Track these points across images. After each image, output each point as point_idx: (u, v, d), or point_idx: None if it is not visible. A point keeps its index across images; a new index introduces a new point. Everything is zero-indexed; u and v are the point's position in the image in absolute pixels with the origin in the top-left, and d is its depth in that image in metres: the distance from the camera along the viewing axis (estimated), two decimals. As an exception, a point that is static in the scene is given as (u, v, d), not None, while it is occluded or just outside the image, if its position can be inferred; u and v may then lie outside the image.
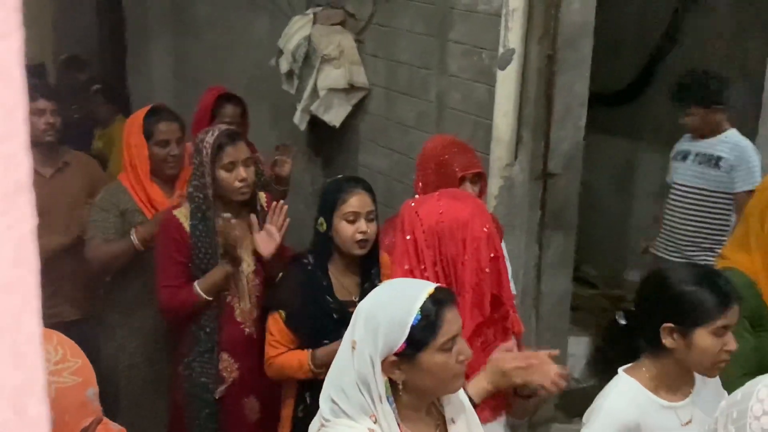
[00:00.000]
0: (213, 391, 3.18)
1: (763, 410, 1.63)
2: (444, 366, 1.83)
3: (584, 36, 3.93)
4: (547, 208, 4.05)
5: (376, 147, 4.84)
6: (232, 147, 3.13)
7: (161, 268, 3.19)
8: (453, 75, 4.26)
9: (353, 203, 2.87)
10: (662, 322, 2.21)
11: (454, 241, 2.42)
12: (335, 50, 4.75)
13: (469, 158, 3.28)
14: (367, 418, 1.82)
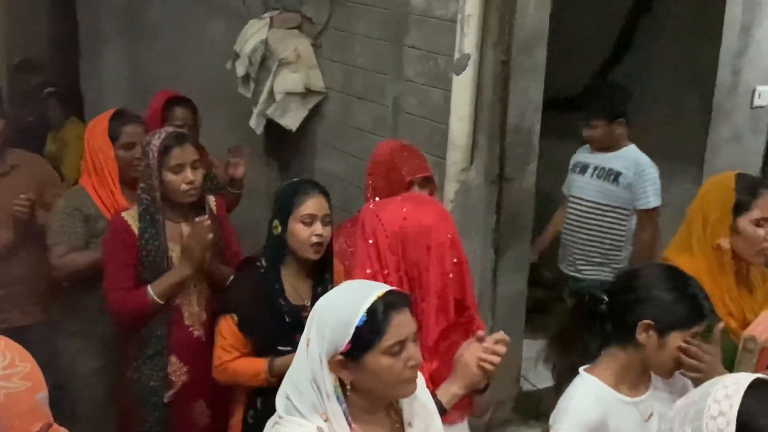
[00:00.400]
0: (162, 395, 3.14)
1: (720, 411, 1.64)
2: (389, 369, 1.82)
3: (538, 42, 3.95)
4: (502, 212, 4.06)
5: (333, 151, 4.83)
6: (179, 149, 3.11)
7: (110, 271, 3.14)
8: (409, 80, 4.26)
9: (310, 206, 2.86)
10: (641, 318, 2.24)
11: (419, 246, 2.41)
12: (292, 54, 4.73)
13: (418, 162, 3.28)
14: (318, 416, 1.82)
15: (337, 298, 1.91)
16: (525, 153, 4.07)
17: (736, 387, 1.66)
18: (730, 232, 2.76)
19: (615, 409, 2.26)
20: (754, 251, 2.76)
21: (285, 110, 4.82)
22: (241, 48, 4.95)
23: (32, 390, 1.57)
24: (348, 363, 1.82)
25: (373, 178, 3.28)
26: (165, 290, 3.09)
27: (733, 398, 1.64)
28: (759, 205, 2.74)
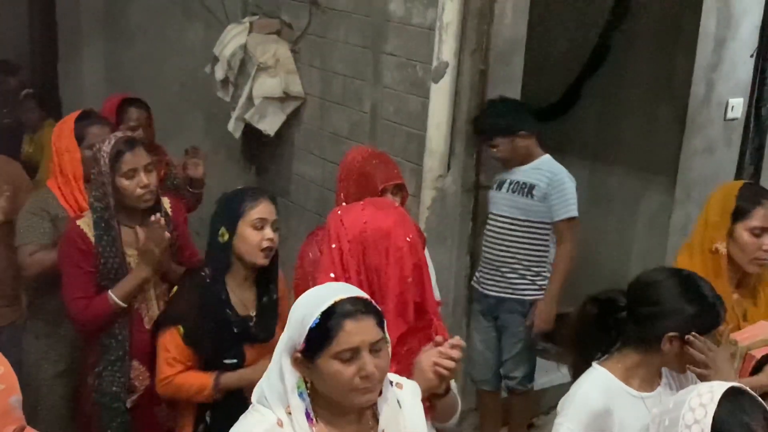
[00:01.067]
0: (124, 400, 3.09)
1: (695, 419, 1.65)
2: (338, 375, 1.80)
3: (516, 52, 3.96)
4: (478, 220, 4.06)
5: (310, 156, 4.81)
6: (131, 154, 3.05)
7: (69, 280, 3.08)
8: (387, 86, 4.25)
9: (261, 210, 2.82)
10: (667, 331, 2.26)
11: (378, 250, 2.40)
12: (271, 59, 4.71)
13: (390, 170, 3.26)
14: (283, 409, 1.83)
15: (307, 297, 1.91)
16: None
17: (710, 396, 1.66)
18: (727, 237, 2.77)
19: (622, 402, 2.28)
20: (748, 258, 2.78)
21: (263, 115, 4.80)
22: (221, 52, 4.93)
23: (6, 393, 1.57)
24: (305, 362, 1.82)
25: (344, 185, 3.25)
26: (126, 294, 3.04)
27: (708, 407, 1.65)
28: (758, 215, 2.75)
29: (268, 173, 5.12)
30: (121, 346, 3.09)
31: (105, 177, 3.03)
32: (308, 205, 4.71)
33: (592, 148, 5.31)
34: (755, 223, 2.74)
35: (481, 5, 3.82)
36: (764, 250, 2.75)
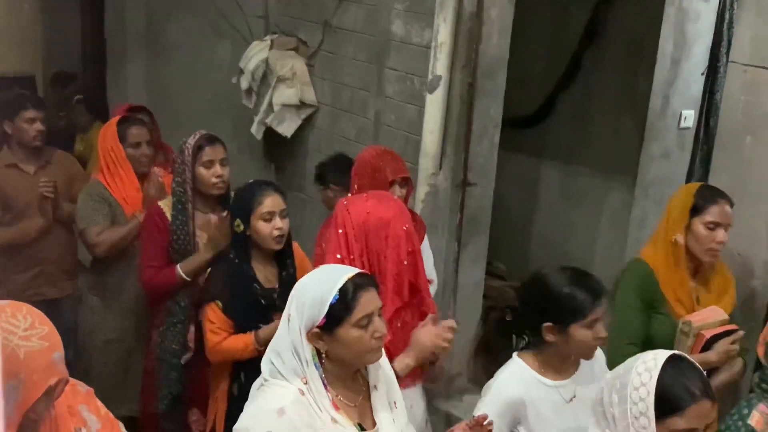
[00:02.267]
0: (180, 357, 3.13)
1: (641, 382, 1.65)
2: (359, 340, 1.84)
3: (500, 68, 3.96)
4: (465, 212, 4.06)
5: (323, 157, 4.78)
6: (210, 148, 3.11)
7: (146, 250, 3.16)
8: (388, 97, 4.25)
9: (268, 204, 2.82)
10: (542, 321, 2.21)
11: (378, 236, 2.43)
12: (289, 72, 4.71)
13: (399, 165, 3.29)
14: (299, 380, 1.83)
15: (314, 279, 1.92)
16: (486, 162, 4.06)
17: (655, 362, 1.67)
18: (685, 230, 2.76)
19: (536, 391, 2.23)
20: (703, 249, 2.76)
21: (282, 120, 4.81)
22: (245, 65, 4.93)
23: (50, 349, 1.56)
24: (323, 335, 1.84)
25: (358, 177, 3.26)
26: (191, 270, 3.08)
27: (653, 371, 1.65)
28: (712, 211, 2.74)
29: (285, 170, 5.11)
30: (183, 312, 3.13)
31: (187, 166, 3.08)
32: (319, 198, 4.70)
33: (564, 152, 5.30)
34: (710, 218, 2.73)
35: (471, 28, 3.81)
36: (717, 242, 2.74)
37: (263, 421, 1.79)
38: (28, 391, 1.51)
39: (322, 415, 1.80)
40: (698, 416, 1.63)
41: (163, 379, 3.17)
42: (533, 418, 2.21)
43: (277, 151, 5.14)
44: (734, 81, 2.91)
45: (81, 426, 1.74)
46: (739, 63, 2.88)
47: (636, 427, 1.63)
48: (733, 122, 2.93)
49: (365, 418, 1.91)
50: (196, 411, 3.20)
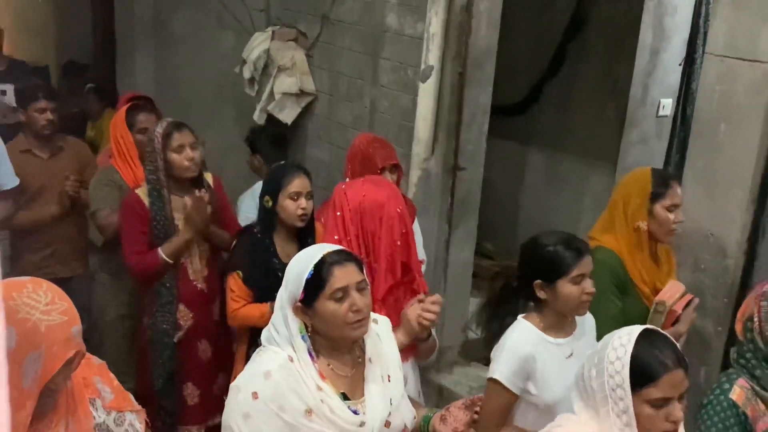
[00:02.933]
0: (172, 336, 3.12)
1: (617, 356, 1.67)
2: (335, 313, 1.83)
3: (488, 59, 3.94)
4: (455, 195, 4.06)
5: (321, 142, 4.80)
6: (179, 133, 3.08)
7: (127, 238, 3.11)
8: (383, 86, 4.23)
9: (296, 184, 2.85)
10: (534, 280, 2.28)
11: (373, 218, 2.43)
12: (289, 62, 4.70)
13: (388, 152, 3.27)
14: (291, 347, 1.85)
15: (297, 258, 1.93)
16: (475, 148, 4.05)
17: (629, 337, 1.68)
18: (647, 216, 2.76)
19: (542, 348, 2.28)
20: (665, 231, 2.76)
21: (282, 107, 4.79)
22: (248, 56, 4.91)
23: (69, 323, 1.56)
24: (305, 309, 1.85)
25: (351, 163, 3.26)
26: (173, 251, 3.06)
27: (627, 346, 1.66)
28: (670, 195, 2.74)
29: (286, 156, 5.10)
30: (170, 292, 3.11)
31: (158, 153, 3.05)
32: (318, 182, 4.68)
33: (550, 139, 5.30)
34: (669, 201, 2.73)
35: (461, 20, 3.80)
36: (676, 222, 2.74)
37: (252, 382, 1.81)
38: (49, 362, 1.51)
39: (308, 382, 1.81)
40: (672, 385, 1.63)
41: (157, 359, 3.15)
42: (540, 374, 2.25)
43: (278, 137, 5.13)
44: (710, 71, 2.90)
45: (95, 396, 1.75)
46: (715, 54, 2.87)
47: (614, 398, 1.63)
48: (709, 110, 2.92)
49: (355, 388, 1.91)
50: (190, 385, 3.20)
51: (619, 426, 1.63)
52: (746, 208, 2.86)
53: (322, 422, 1.80)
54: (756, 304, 2.09)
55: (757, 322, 2.07)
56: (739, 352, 2.13)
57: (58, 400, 1.61)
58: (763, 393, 2.05)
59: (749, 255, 2.94)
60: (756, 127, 2.78)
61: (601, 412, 1.65)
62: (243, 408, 1.78)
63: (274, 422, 1.77)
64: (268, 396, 1.78)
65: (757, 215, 2.89)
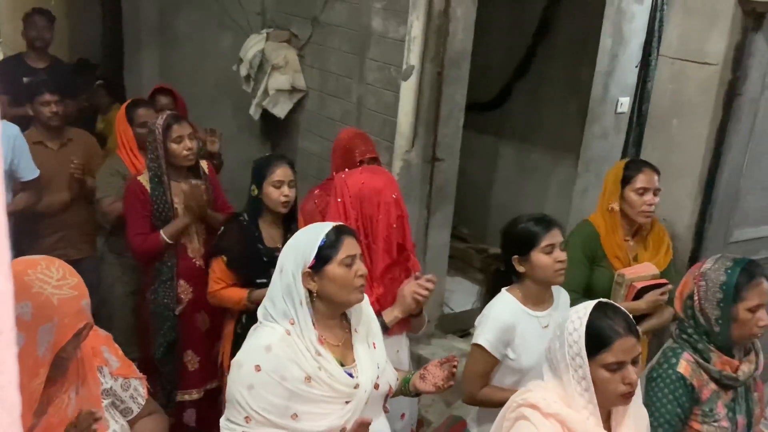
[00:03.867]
0: (173, 309, 3.13)
1: (574, 327, 1.68)
2: (345, 277, 1.84)
3: (464, 59, 3.94)
4: (434, 184, 4.06)
5: (312, 135, 4.78)
6: (178, 125, 3.08)
7: (131, 222, 3.11)
8: (369, 84, 4.21)
9: (279, 174, 2.83)
10: (511, 256, 2.31)
11: (371, 203, 2.43)
12: (282, 61, 4.66)
13: (367, 146, 3.24)
14: (287, 322, 1.84)
15: (304, 232, 1.94)
16: (452, 141, 4.05)
17: (585, 310, 1.70)
18: (619, 199, 2.77)
19: (522, 319, 2.30)
20: (636, 212, 2.78)
21: (276, 103, 4.76)
22: (245, 55, 4.87)
23: (79, 297, 1.56)
24: (314, 275, 1.84)
25: (334, 156, 3.24)
26: (173, 233, 3.07)
27: (583, 318, 1.68)
28: (639, 179, 2.76)
29: (279, 147, 5.08)
30: (170, 270, 3.11)
31: (158, 143, 3.04)
32: (310, 172, 4.68)
33: (520, 132, 5.31)
34: (638, 184, 2.75)
35: (439, 24, 3.78)
36: (647, 204, 2.76)
37: (253, 356, 1.81)
38: (61, 332, 1.51)
39: (305, 352, 1.81)
40: (624, 350, 1.64)
41: (158, 330, 3.15)
42: (519, 341, 2.27)
43: (272, 129, 5.10)
44: (663, 72, 2.92)
45: (103, 365, 1.75)
46: (668, 56, 2.88)
47: (573, 366, 1.65)
48: (662, 107, 2.94)
49: (346, 355, 1.92)
50: (189, 352, 3.22)
51: (579, 391, 1.65)
52: (695, 196, 2.89)
53: (322, 387, 1.81)
54: (695, 283, 2.08)
55: (697, 301, 2.07)
56: (680, 328, 2.13)
57: (69, 367, 1.61)
58: (705, 365, 2.06)
59: (697, 237, 2.97)
60: (704, 123, 2.81)
61: (564, 378, 1.67)
62: (247, 380, 1.78)
63: (276, 390, 1.78)
64: (271, 368, 1.78)
65: (705, 202, 2.92)
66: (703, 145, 2.83)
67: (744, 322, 2.02)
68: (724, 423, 2.06)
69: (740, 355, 2.11)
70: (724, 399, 2.08)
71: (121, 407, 1.78)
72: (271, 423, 1.78)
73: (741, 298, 2.01)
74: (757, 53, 2.73)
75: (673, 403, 2.03)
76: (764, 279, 2.03)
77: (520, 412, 1.70)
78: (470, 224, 5.51)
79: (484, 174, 5.50)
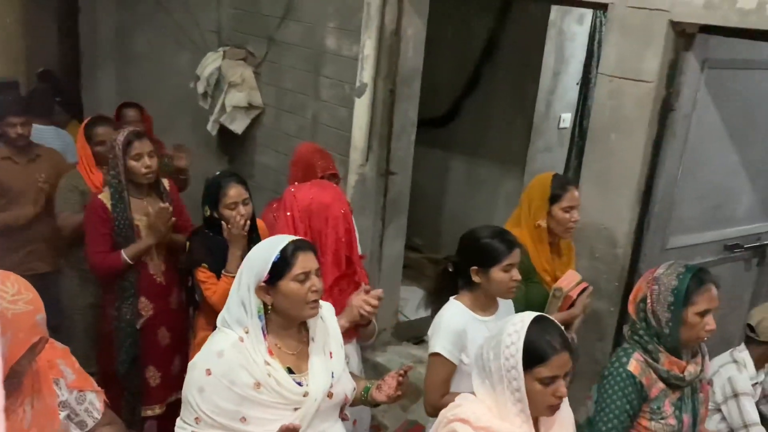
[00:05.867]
0: (135, 324, 3.04)
1: (511, 341, 1.67)
2: (297, 293, 1.82)
3: (415, 77, 3.96)
4: (388, 196, 4.07)
5: (269, 150, 4.74)
6: (138, 142, 2.99)
7: (91, 239, 3.01)
8: (323, 100, 4.20)
9: (232, 195, 2.79)
10: (471, 266, 2.30)
11: (320, 218, 2.42)
12: (239, 78, 4.62)
13: (328, 162, 3.22)
14: (241, 329, 1.83)
15: (261, 246, 1.91)
16: (404, 155, 4.07)
17: (522, 324, 1.68)
18: (546, 215, 2.80)
19: (471, 324, 2.31)
20: (563, 229, 2.80)
21: (233, 119, 4.71)
22: (202, 72, 4.81)
23: (33, 312, 1.52)
24: (269, 289, 1.83)
25: (294, 168, 3.21)
26: (135, 254, 2.99)
27: (521, 332, 1.66)
28: (566, 198, 2.78)
29: (236, 162, 5.02)
30: (132, 287, 3.03)
31: (119, 160, 2.95)
32: (267, 185, 4.64)
33: (469, 147, 5.36)
34: (566, 203, 2.77)
35: (391, 44, 3.80)
36: (573, 221, 2.79)
37: (206, 361, 1.81)
38: (14, 346, 1.47)
39: (256, 359, 1.80)
40: (559, 365, 1.65)
41: (121, 346, 3.07)
42: (471, 346, 2.27)
43: (230, 145, 5.04)
44: (602, 89, 2.97)
45: (59, 377, 1.70)
46: (606, 74, 2.94)
47: (508, 378, 1.64)
48: (602, 122, 2.99)
49: (300, 364, 1.90)
50: (151, 368, 3.13)
51: (512, 401, 1.64)
52: (633, 206, 2.95)
53: (270, 393, 1.80)
54: (648, 288, 2.12)
55: (650, 304, 2.10)
56: (632, 330, 2.16)
57: (23, 380, 1.56)
58: (654, 364, 2.09)
59: (636, 245, 3.02)
60: (641, 136, 2.87)
61: (497, 389, 1.66)
62: (198, 383, 1.79)
63: (225, 394, 1.78)
64: (220, 372, 1.78)
65: (643, 211, 2.98)
66: (640, 158, 2.88)
67: (692, 326, 2.05)
68: (671, 421, 2.09)
69: (687, 357, 2.14)
70: (672, 398, 2.12)
71: (76, 420, 1.73)
72: (220, 425, 1.78)
73: (691, 302, 2.04)
74: (688, 71, 2.80)
75: (623, 399, 2.05)
76: (713, 285, 2.07)
77: (452, 427, 1.68)
78: (423, 235, 5.53)
79: (435, 186, 5.53)
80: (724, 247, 3.42)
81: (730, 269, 3.47)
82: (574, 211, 2.78)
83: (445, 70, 5.22)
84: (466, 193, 5.40)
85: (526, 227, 2.83)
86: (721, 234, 3.39)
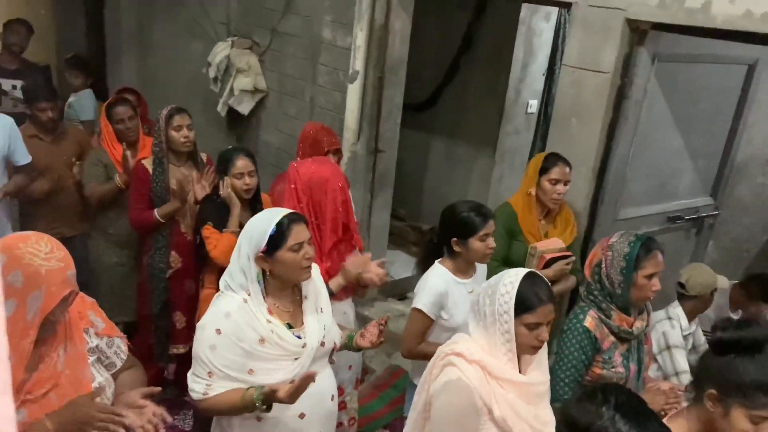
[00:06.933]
0: (165, 273, 3.09)
1: (506, 290, 1.68)
2: (293, 261, 1.81)
3: (401, 66, 3.92)
4: (376, 172, 4.05)
5: (272, 129, 4.70)
6: (179, 116, 3.02)
7: (133, 197, 3.07)
8: (320, 85, 4.15)
9: (240, 166, 2.78)
10: (451, 237, 2.29)
11: (320, 190, 2.40)
12: (245, 65, 4.55)
13: (333, 139, 3.21)
14: (244, 293, 1.82)
15: (259, 218, 1.88)
16: (391, 136, 4.04)
17: (516, 276, 1.70)
18: (536, 186, 2.80)
19: (453, 286, 2.32)
20: (548, 198, 2.80)
21: (240, 101, 4.66)
22: (213, 60, 4.74)
23: (65, 268, 1.50)
24: (266, 258, 1.81)
25: (302, 144, 3.18)
26: (165, 213, 3.03)
27: (515, 283, 1.68)
28: (554, 171, 2.77)
29: (243, 139, 4.97)
30: (165, 240, 3.07)
31: (161, 131, 2.98)
32: (270, 161, 4.61)
33: (448, 129, 5.33)
34: (552, 176, 2.77)
35: (380, 36, 3.75)
36: (557, 193, 2.79)
37: (216, 321, 1.79)
38: (48, 299, 1.46)
39: (260, 318, 1.80)
40: (544, 314, 1.66)
41: (155, 290, 3.13)
42: (450, 305, 2.29)
43: (237, 125, 4.99)
44: (565, 79, 2.96)
45: (89, 326, 1.69)
46: (569, 66, 2.92)
47: (500, 321, 1.65)
48: (564, 109, 2.98)
49: (296, 319, 1.90)
50: (179, 313, 3.17)
51: (502, 341, 1.66)
52: (589, 182, 2.95)
53: (273, 347, 1.80)
54: (603, 254, 2.13)
55: (604, 268, 2.11)
56: (588, 290, 2.18)
57: (57, 329, 1.55)
58: (607, 321, 2.12)
59: (591, 217, 3.03)
60: (598, 121, 2.86)
61: (490, 330, 1.68)
62: (210, 341, 1.78)
63: (235, 350, 1.77)
64: (230, 331, 1.77)
65: (598, 187, 2.99)
66: (597, 140, 2.88)
67: (641, 287, 2.08)
68: (620, 369, 2.13)
69: (635, 314, 2.17)
70: (621, 349, 2.15)
71: (106, 362, 1.73)
72: (231, 377, 1.78)
73: (640, 267, 2.06)
74: (640, 63, 2.79)
75: (579, 351, 2.09)
76: (659, 252, 2.09)
77: (448, 359, 1.70)
78: (407, 206, 5.53)
79: (418, 164, 5.52)
80: (668, 219, 3.44)
81: (672, 238, 3.50)
82: (559, 184, 2.77)
83: (428, 61, 5.17)
84: (444, 169, 5.39)
85: (520, 195, 2.86)
86: (665, 207, 3.41)
